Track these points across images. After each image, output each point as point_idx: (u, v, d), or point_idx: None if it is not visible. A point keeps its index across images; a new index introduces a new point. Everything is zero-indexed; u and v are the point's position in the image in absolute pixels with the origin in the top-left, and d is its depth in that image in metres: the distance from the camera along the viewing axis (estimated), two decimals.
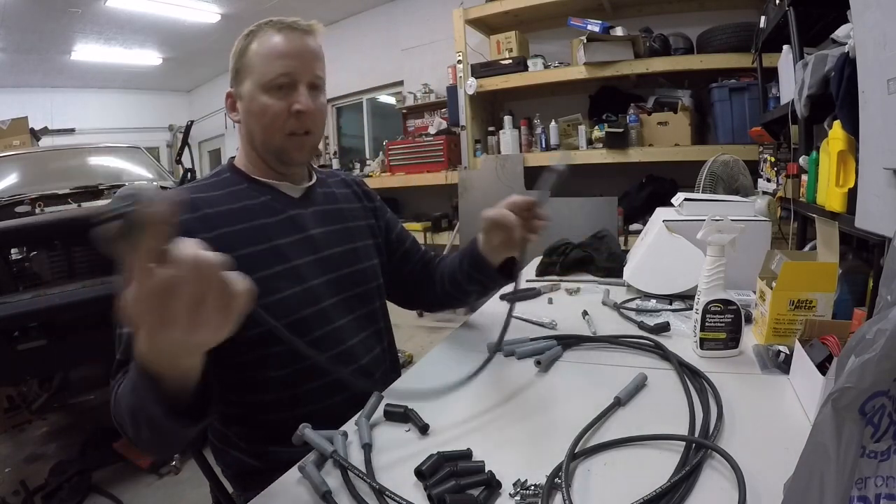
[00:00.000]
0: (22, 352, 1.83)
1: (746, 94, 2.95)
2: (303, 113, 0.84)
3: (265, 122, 0.84)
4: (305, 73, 0.85)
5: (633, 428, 0.64)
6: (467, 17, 3.79)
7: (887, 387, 0.37)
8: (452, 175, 3.90)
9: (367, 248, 0.99)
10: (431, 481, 0.55)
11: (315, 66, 0.86)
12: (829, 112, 1.34)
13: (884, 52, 0.98)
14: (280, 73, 0.83)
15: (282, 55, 0.83)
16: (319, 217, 0.92)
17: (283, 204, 0.89)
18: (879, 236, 1.02)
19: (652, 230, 1.33)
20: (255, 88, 0.84)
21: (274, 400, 0.82)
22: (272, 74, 0.83)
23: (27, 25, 4.86)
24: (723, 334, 0.85)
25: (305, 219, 0.90)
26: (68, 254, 2.00)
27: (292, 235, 0.86)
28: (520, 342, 0.94)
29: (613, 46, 3.25)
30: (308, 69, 0.85)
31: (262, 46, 0.84)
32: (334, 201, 0.97)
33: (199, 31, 5.57)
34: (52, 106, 6.62)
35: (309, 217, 0.90)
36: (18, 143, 4.36)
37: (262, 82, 0.83)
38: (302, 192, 0.93)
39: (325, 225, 0.92)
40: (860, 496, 0.39)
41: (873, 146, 1.06)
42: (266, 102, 0.83)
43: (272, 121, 0.84)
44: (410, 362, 2.93)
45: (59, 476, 1.93)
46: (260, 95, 0.84)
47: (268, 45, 0.84)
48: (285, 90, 0.84)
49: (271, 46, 0.84)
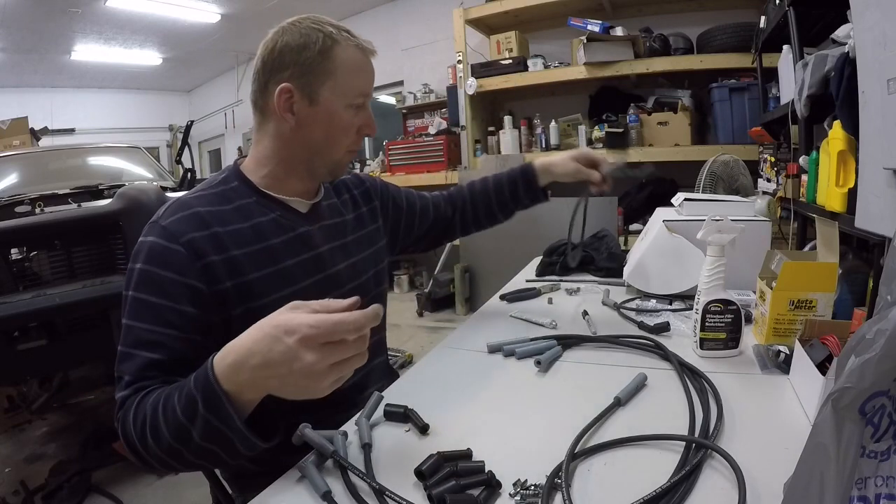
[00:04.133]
0: (22, 352, 1.83)
1: (746, 94, 2.95)
2: (372, 136, 0.88)
3: (337, 136, 0.83)
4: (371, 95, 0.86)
5: (633, 428, 0.64)
6: (467, 17, 3.79)
7: (887, 387, 0.37)
8: (452, 175, 3.90)
9: (364, 260, 0.97)
10: (431, 481, 0.55)
11: None
12: (829, 112, 1.34)
13: (884, 52, 0.98)
14: (364, 91, 0.83)
15: (367, 74, 0.84)
16: (325, 233, 0.90)
17: (292, 221, 0.85)
18: (879, 236, 1.02)
19: (652, 230, 1.33)
20: (338, 100, 0.81)
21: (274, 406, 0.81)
22: (358, 90, 0.82)
23: (27, 25, 4.87)
24: (723, 334, 0.85)
25: (313, 236, 0.87)
26: (68, 254, 2.00)
27: (300, 255, 0.84)
28: (520, 342, 0.94)
29: (613, 46, 3.25)
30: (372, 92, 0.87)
31: (349, 59, 0.81)
32: (338, 214, 0.95)
33: (199, 31, 5.57)
34: (52, 106, 6.63)
35: (316, 234, 0.88)
36: (18, 143, 4.37)
37: (348, 96, 0.82)
38: (309, 208, 0.90)
39: (330, 241, 0.90)
40: (860, 496, 0.39)
41: (873, 146, 1.06)
42: (346, 118, 0.82)
43: (345, 136, 0.84)
44: (410, 362, 2.93)
45: (59, 476, 1.93)
46: (342, 109, 0.82)
47: (355, 59, 0.81)
48: (357, 108, 0.84)
49: (359, 62, 0.82)
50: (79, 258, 2.01)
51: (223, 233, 0.76)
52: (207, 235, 0.75)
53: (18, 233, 1.95)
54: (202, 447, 0.59)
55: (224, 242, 0.76)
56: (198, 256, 0.73)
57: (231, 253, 0.76)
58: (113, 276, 1.97)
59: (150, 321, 0.69)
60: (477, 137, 3.96)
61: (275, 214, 0.83)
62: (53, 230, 1.98)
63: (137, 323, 0.70)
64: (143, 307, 0.70)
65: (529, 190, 1.16)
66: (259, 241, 0.79)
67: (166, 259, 0.72)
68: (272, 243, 0.81)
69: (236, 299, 0.75)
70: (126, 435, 0.64)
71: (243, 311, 0.75)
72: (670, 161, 3.19)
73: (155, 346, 0.68)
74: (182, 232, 0.73)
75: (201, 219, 0.76)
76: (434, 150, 4.11)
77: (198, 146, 7.96)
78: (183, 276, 0.71)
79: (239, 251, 0.77)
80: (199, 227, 0.75)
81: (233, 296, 0.75)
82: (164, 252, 0.72)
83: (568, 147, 3.58)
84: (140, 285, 0.71)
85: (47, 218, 2.12)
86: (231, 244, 0.76)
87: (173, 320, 0.70)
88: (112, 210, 2.00)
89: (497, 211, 1.20)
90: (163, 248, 0.72)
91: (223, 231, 0.77)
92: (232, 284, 0.75)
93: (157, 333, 0.69)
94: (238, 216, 0.79)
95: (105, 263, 2.03)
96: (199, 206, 0.78)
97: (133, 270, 0.72)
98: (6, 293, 1.84)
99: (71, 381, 2.71)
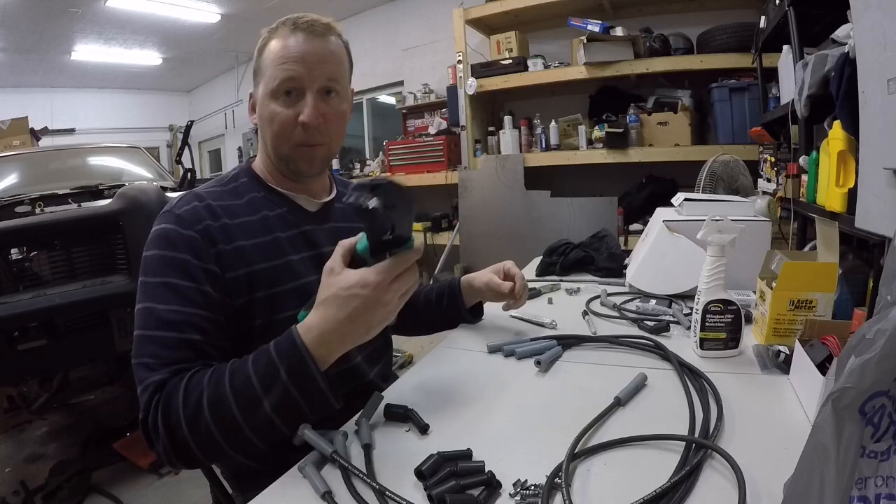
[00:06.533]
0: (22, 352, 1.83)
1: (746, 94, 2.95)
2: (308, 125, 0.80)
3: (274, 130, 0.81)
4: (314, 79, 0.79)
5: (633, 428, 0.64)
6: (467, 18, 3.79)
7: (887, 387, 0.37)
8: (452, 175, 3.90)
9: None
10: (431, 481, 0.55)
11: (326, 69, 0.81)
12: (829, 112, 1.33)
13: (884, 52, 0.98)
14: (285, 77, 0.78)
15: (289, 59, 0.78)
16: (333, 235, 0.88)
17: (298, 218, 0.86)
18: (879, 236, 1.02)
19: (653, 231, 1.33)
20: (265, 93, 0.80)
21: None
22: (278, 80, 0.79)
23: (27, 25, 4.87)
24: (723, 334, 0.85)
25: (318, 236, 0.87)
26: (68, 254, 2.00)
27: (303, 252, 0.84)
28: (520, 342, 0.94)
29: (613, 46, 3.24)
30: (317, 74, 0.80)
31: (274, 48, 0.80)
32: (349, 219, 0.93)
33: (199, 32, 5.58)
34: (53, 106, 6.63)
35: (322, 234, 0.88)
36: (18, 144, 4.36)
37: (270, 88, 0.80)
38: (319, 207, 0.90)
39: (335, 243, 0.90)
40: (860, 496, 0.39)
41: (873, 146, 1.06)
42: (274, 110, 0.80)
43: (280, 129, 0.81)
44: (410, 362, 2.93)
45: (59, 476, 1.93)
46: (269, 102, 0.80)
47: (278, 47, 0.79)
48: (294, 97, 0.80)
49: (281, 49, 0.79)
50: (79, 258, 2.01)
51: (232, 225, 0.78)
52: (219, 226, 0.77)
53: (18, 233, 1.95)
54: (267, 419, 0.62)
55: (233, 234, 0.78)
56: (212, 243, 0.75)
57: (239, 243, 0.77)
58: (113, 277, 1.97)
59: (176, 302, 0.69)
60: (477, 137, 3.96)
61: (280, 210, 0.85)
62: (53, 230, 1.98)
63: (160, 305, 0.69)
64: (166, 289, 0.70)
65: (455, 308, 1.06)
66: (267, 234, 0.81)
67: (184, 243, 0.73)
68: (279, 236, 0.82)
69: (247, 287, 0.76)
70: (168, 415, 0.63)
71: (259, 298, 0.77)
72: (670, 161, 3.19)
73: (183, 325, 0.68)
74: (198, 220, 0.75)
75: (213, 210, 0.78)
76: (434, 151, 4.11)
77: (198, 146, 7.96)
78: (201, 260, 0.73)
79: (247, 242, 0.78)
80: (211, 217, 0.77)
81: (244, 284, 0.76)
82: (181, 237, 0.73)
83: (568, 147, 3.58)
84: (159, 269, 0.72)
85: (47, 218, 2.11)
86: (239, 235, 0.78)
87: (199, 300, 0.71)
88: (112, 210, 2.00)
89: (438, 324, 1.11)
90: (178, 234, 0.74)
91: (232, 223, 0.78)
92: (244, 272, 0.76)
93: (184, 314, 0.69)
94: (248, 209, 0.82)
95: (105, 263, 2.02)
96: (211, 200, 0.80)
97: (149, 258, 0.73)
98: (6, 293, 1.84)
99: (71, 381, 2.71)
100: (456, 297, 1.06)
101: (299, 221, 0.86)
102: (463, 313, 1.06)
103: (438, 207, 4.33)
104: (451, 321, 1.10)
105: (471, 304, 1.06)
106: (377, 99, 5.48)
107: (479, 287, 1.04)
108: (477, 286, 1.04)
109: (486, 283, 1.03)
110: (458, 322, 1.10)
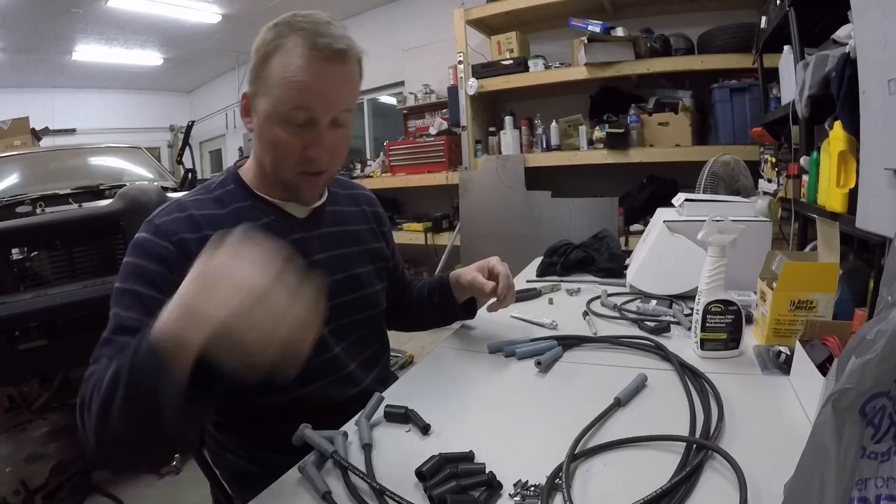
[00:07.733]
0: (23, 352, 1.83)
1: (747, 95, 2.95)
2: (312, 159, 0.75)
3: (276, 155, 0.76)
4: (328, 110, 0.73)
5: (634, 429, 0.64)
6: (468, 18, 3.79)
7: (888, 388, 0.37)
8: (453, 175, 3.90)
9: (370, 274, 0.94)
10: (432, 482, 0.55)
11: (343, 101, 0.75)
12: (830, 112, 1.33)
13: (884, 53, 0.98)
14: (297, 105, 0.72)
15: (305, 87, 0.71)
16: (324, 241, 0.87)
17: (287, 227, 0.82)
18: (880, 237, 1.02)
19: (653, 231, 1.33)
20: (269, 114, 0.73)
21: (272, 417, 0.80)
22: (289, 105, 0.72)
23: (28, 25, 4.87)
24: (723, 335, 0.85)
25: (309, 244, 0.84)
26: (69, 254, 2.00)
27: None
28: (520, 342, 0.94)
29: (614, 47, 3.24)
30: (333, 106, 0.74)
31: (285, 65, 0.71)
32: (342, 223, 0.92)
33: (199, 32, 5.58)
34: (54, 106, 6.64)
35: (313, 241, 0.85)
36: (19, 144, 4.36)
37: (278, 110, 0.72)
38: (308, 213, 0.87)
39: (328, 250, 0.87)
40: (860, 497, 0.39)
41: (874, 146, 1.05)
42: (279, 135, 0.74)
43: (283, 156, 0.76)
44: (411, 362, 2.93)
45: (60, 476, 1.93)
46: (273, 125, 0.74)
47: (291, 65, 0.70)
48: (303, 125, 0.73)
49: (296, 72, 0.70)
50: (80, 258, 2.01)
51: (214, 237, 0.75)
52: (198, 238, 0.74)
53: (19, 233, 1.96)
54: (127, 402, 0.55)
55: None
56: (187, 257, 0.71)
57: None
58: (114, 277, 1.95)
59: (136, 310, 0.69)
60: (478, 138, 3.95)
61: (267, 219, 0.82)
62: (54, 230, 1.98)
63: (123, 311, 0.70)
64: (130, 297, 0.70)
65: (446, 305, 1.05)
66: None
67: (156, 254, 0.72)
68: None
69: None
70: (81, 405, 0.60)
71: None
72: (671, 161, 3.19)
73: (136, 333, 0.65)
74: (174, 231, 0.74)
75: (194, 221, 0.76)
76: (435, 151, 4.11)
77: (199, 146, 7.97)
78: (171, 272, 0.71)
79: None
80: (191, 229, 0.75)
81: None
82: (155, 248, 0.73)
83: (569, 147, 3.58)
84: (129, 277, 0.72)
85: (48, 218, 2.12)
86: None
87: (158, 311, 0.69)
88: (113, 210, 2.00)
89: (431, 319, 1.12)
90: (153, 245, 0.73)
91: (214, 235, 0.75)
92: None
93: (141, 322, 0.66)
94: (231, 220, 0.78)
95: (106, 263, 2.03)
96: (195, 209, 0.78)
97: (124, 264, 0.74)
98: (7, 293, 1.84)
99: (71, 381, 2.71)
100: (446, 293, 1.05)
101: (287, 231, 0.82)
102: (455, 309, 1.06)
103: (439, 208, 4.33)
104: (445, 317, 1.10)
105: (462, 299, 1.05)
106: (378, 99, 5.49)
107: (464, 284, 1.02)
108: (463, 283, 1.02)
109: (470, 282, 1.00)
110: (452, 318, 1.10)
